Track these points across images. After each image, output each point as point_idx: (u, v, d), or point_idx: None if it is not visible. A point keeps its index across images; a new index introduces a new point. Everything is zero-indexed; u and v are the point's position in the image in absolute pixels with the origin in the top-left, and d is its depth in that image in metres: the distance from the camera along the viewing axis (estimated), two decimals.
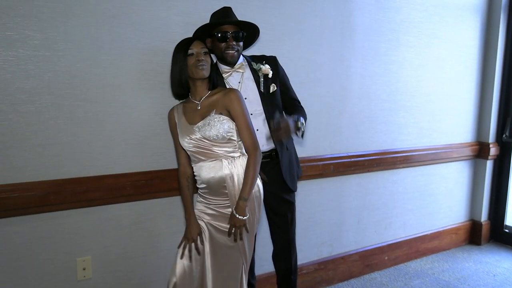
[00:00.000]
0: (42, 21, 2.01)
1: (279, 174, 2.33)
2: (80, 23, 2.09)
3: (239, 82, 2.24)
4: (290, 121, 2.14)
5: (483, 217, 4.03)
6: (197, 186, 2.13)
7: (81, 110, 2.15)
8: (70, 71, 2.10)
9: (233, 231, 2.02)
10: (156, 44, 2.30)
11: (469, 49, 3.77)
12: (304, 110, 2.42)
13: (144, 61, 2.28)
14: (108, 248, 2.30)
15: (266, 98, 2.26)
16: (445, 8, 3.51)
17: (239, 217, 2.00)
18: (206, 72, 2.03)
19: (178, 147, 2.14)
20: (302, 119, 2.21)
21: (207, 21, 2.27)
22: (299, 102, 2.46)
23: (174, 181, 2.37)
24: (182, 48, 2.03)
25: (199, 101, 2.08)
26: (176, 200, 2.46)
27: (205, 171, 2.04)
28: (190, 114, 2.08)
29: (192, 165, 2.11)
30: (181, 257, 2.06)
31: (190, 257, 2.07)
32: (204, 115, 2.05)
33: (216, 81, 2.13)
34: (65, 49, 2.07)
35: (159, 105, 2.34)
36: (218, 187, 2.04)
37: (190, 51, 2.01)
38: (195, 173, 2.11)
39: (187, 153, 2.12)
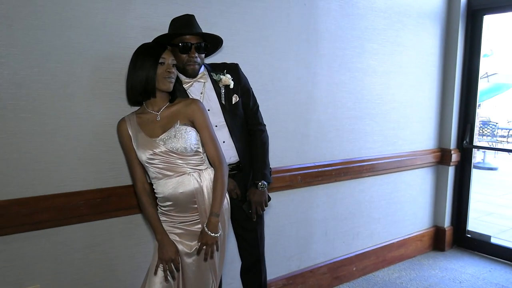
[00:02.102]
0: None
1: (246, 186, 2.23)
2: (25, 26, 1.88)
3: (201, 93, 2.10)
4: (257, 196, 2.19)
5: (446, 223, 4.07)
6: (159, 204, 1.96)
7: (27, 123, 1.92)
8: (13, 79, 1.87)
9: (204, 249, 1.87)
10: (111, 50, 2.11)
11: (430, 57, 3.80)
12: (265, 141, 2.26)
13: (98, 68, 2.09)
14: (60, 274, 2.08)
15: (228, 111, 2.14)
16: (407, 15, 3.52)
17: (211, 234, 1.86)
18: (172, 86, 1.90)
19: (132, 162, 1.93)
20: (265, 182, 2.21)
21: (167, 26, 2.11)
22: (260, 124, 2.28)
23: (133, 198, 2.19)
24: (153, 54, 1.85)
25: (157, 112, 1.91)
26: (136, 219, 2.28)
27: (171, 187, 1.87)
28: (149, 126, 1.90)
29: (153, 182, 1.93)
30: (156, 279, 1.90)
31: (169, 277, 1.90)
32: (165, 127, 1.89)
33: (176, 93, 1.98)
34: (8, 55, 1.85)
35: (115, 116, 2.14)
36: (187, 202, 1.89)
37: (161, 60, 1.85)
38: (156, 191, 1.93)
39: (143, 168, 1.94)
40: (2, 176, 1.89)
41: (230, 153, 2.14)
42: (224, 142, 2.11)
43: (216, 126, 2.08)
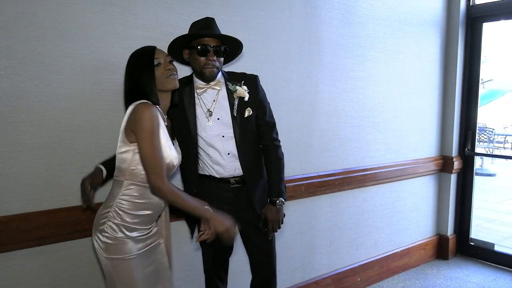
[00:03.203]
0: None
1: (252, 201, 2.15)
2: (25, 37, 1.84)
3: (213, 101, 2.04)
4: (274, 213, 2.13)
5: (449, 231, 4.03)
6: (136, 213, 1.72)
7: (27, 137, 1.88)
8: (13, 92, 1.83)
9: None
10: (113, 61, 2.07)
11: (431, 64, 3.79)
12: (281, 157, 2.18)
13: (100, 80, 2.05)
14: None
15: (238, 124, 2.05)
16: (408, 24, 3.51)
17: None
18: (177, 82, 1.80)
19: (161, 153, 1.68)
20: (282, 199, 2.14)
21: (169, 35, 2.07)
22: (275, 140, 2.18)
23: None
24: (146, 56, 1.73)
25: (165, 115, 1.84)
26: None
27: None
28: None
29: (142, 185, 1.72)
30: None
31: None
32: (170, 134, 1.84)
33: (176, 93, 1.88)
34: (8, 67, 1.81)
35: (118, 128, 2.09)
36: (157, 214, 1.83)
37: (156, 62, 1.73)
38: (143, 197, 1.73)
39: None
40: (2, 191, 1.84)
41: (234, 165, 2.09)
42: (228, 154, 2.06)
43: (223, 136, 2.03)
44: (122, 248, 1.69)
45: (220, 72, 2.07)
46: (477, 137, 4.07)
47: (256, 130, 2.13)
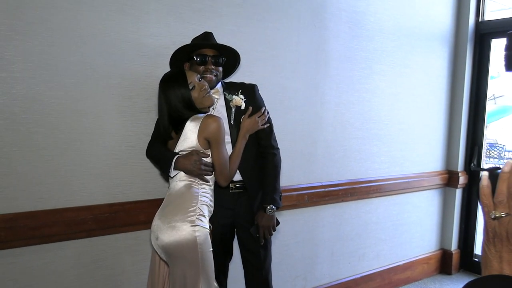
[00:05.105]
0: None
1: (252, 207, 2.20)
2: (40, 42, 1.92)
3: (212, 108, 2.12)
4: (265, 220, 2.15)
5: (453, 246, 4.02)
6: (211, 206, 1.98)
7: (39, 137, 1.95)
8: (27, 94, 1.91)
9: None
10: (124, 67, 2.15)
11: (438, 79, 3.81)
12: (276, 164, 2.23)
13: (111, 85, 2.12)
14: None
15: (235, 131, 2.13)
16: (415, 38, 3.55)
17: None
18: (213, 97, 2.01)
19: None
20: (273, 206, 2.16)
21: (179, 44, 2.14)
22: (272, 148, 2.24)
23: (140, 214, 2.20)
24: (181, 82, 1.90)
25: None
26: (143, 235, 2.28)
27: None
28: None
29: (209, 186, 1.99)
30: None
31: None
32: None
33: None
34: (23, 70, 1.89)
35: (126, 132, 2.18)
36: None
37: (190, 86, 1.90)
38: (211, 194, 2.00)
39: None
40: (12, 189, 1.91)
41: None
42: None
43: None
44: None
45: (220, 82, 2.15)
46: (487, 153, 4.06)
47: (255, 136, 2.18)
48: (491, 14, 3.89)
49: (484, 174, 0.74)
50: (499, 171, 0.70)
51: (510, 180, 0.69)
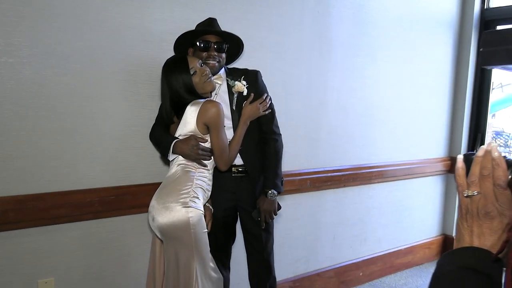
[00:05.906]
0: (6, 25, 1.86)
1: (254, 191, 2.25)
2: (47, 28, 1.96)
3: (215, 94, 2.15)
4: (266, 204, 2.19)
5: (455, 231, 4.05)
6: (207, 190, 2.03)
7: (46, 121, 2.00)
8: (35, 79, 1.95)
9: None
10: (129, 53, 2.18)
11: (442, 65, 3.81)
12: (277, 150, 2.25)
13: (117, 70, 2.16)
14: (73, 269, 2.15)
15: (237, 117, 2.16)
16: (420, 24, 3.54)
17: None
18: (214, 83, 2.04)
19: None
20: (274, 191, 2.20)
21: (183, 30, 2.15)
22: (274, 133, 2.25)
23: (145, 196, 2.24)
24: (183, 66, 1.93)
25: None
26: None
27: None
28: None
29: (209, 170, 2.03)
30: None
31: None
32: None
33: None
34: (30, 56, 1.93)
35: (130, 117, 2.22)
36: None
37: (192, 71, 1.94)
38: (209, 178, 2.05)
39: None
40: (21, 171, 1.97)
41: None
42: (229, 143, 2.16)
43: (224, 126, 2.11)
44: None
45: (223, 68, 2.18)
46: (493, 141, 4.07)
47: (256, 121, 2.21)
48: (496, 1, 3.86)
49: (459, 157, 0.82)
50: (473, 156, 0.79)
51: (483, 163, 0.77)
